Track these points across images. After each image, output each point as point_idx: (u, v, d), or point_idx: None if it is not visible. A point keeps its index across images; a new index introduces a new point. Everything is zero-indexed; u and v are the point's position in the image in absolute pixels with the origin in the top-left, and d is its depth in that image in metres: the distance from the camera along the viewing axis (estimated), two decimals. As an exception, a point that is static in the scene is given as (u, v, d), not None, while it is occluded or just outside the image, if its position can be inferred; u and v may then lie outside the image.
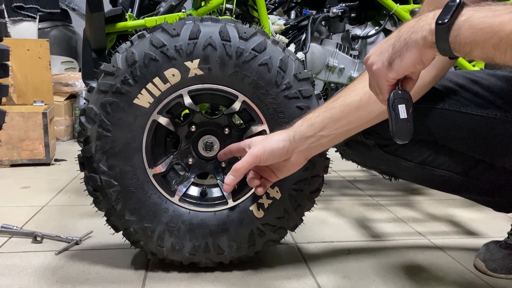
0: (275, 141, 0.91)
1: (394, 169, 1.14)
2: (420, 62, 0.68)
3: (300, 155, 0.93)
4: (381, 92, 0.74)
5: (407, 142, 0.73)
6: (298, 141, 0.91)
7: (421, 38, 0.66)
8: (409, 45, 0.67)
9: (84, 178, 1.04)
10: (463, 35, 0.63)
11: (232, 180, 0.94)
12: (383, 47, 0.72)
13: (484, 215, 1.62)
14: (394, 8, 1.60)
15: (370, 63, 0.73)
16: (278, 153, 0.91)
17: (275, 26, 1.59)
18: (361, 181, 2.12)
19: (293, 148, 0.92)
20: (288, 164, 0.94)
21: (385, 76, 0.71)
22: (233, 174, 0.93)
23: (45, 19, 3.77)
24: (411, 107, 0.72)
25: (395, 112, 0.71)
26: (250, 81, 1.00)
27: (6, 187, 1.91)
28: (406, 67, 0.69)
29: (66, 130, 3.10)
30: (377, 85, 0.74)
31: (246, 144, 0.96)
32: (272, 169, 0.97)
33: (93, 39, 1.35)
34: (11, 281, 1.04)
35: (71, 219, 1.48)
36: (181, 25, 0.98)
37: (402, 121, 0.71)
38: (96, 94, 0.99)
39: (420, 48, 0.67)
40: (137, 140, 1.01)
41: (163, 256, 1.08)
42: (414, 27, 0.68)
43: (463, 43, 0.63)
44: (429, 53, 0.67)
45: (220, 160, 1.07)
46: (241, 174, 0.94)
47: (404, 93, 0.72)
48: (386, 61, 0.70)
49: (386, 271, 1.14)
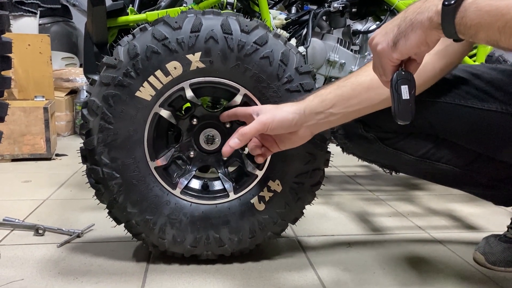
0: (286, 112, 0.90)
1: (395, 163, 1.14)
2: (425, 43, 0.68)
3: (307, 130, 0.93)
4: (385, 73, 0.74)
5: (408, 123, 0.73)
6: (308, 115, 0.91)
7: (427, 19, 0.66)
8: (415, 25, 0.67)
9: (86, 170, 1.04)
10: (469, 17, 0.63)
11: (236, 144, 0.91)
12: (389, 28, 0.72)
13: (483, 209, 1.63)
14: (395, 3, 1.60)
15: (375, 43, 0.73)
16: (286, 124, 0.90)
17: (276, 20, 1.59)
18: (361, 176, 2.13)
19: (302, 122, 0.91)
20: (294, 137, 0.93)
21: (389, 56, 0.71)
22: (238, 138, 0.91)
23: (45, 15, 3.77)
24: (414, 88, 0.72)
25: (397, 92, 0.71)
26: (252, 74, 1.00)
27: (8, 181, 1.92)
28: (411, 48, 0.69)
29: (67, 125, 3.10)
30: (381, 65, 0.74)
31: (254, 110, 0.95)
32: (275, 140, 0.96)
33: (95, 33, 1.35)
34: (14, 273, 1.05)
35: (72, 213, 1.49)
36: (183, 18, 0.99)
37: (404, 102, 0.71)
38: (98, 87, 0.99)
39: (425, 29, 0.67)
40: (139, 133, 1.01)
41: (164, 249, 1.08)
42: (421, 8, 0.68)
43: (468, 25, 0.63)
44: (434, 35, 0.67)
45: (223, 120, 1.05)
46: (247, 139, 0.92)
47: (407, 74, 0.72)
48: (391, 41, 0.70)
49: (386, 264, 1.15)
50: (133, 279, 1.04)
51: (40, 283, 1.01)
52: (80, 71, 3.20)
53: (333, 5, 1.61)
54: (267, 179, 1.08)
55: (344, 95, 0.91)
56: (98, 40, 1.37)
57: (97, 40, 1.37)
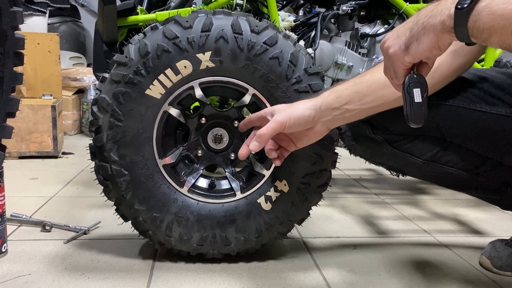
0: (302, 109, 0.91)
1: (402, 165, 1.14)
2: (437, 47, 0.68)
3: (323, 125, 0.93)
4: (396, 76, 0.74)
5: (421, 126, 0.73)
6: (324, 111, 0.91)
7: (439, 22, 0.66)
8: (427, 29, 0.68)
9: (95, 167, 1.05)
10: (482, 21, 0.62)
11: (256, 147, 0.91)
12: (400, 31, 0.72)
13: (490, 214, 1.62)
14: (404, 7, 1.60)
15: (386, 46, 0.73)
16: (303, 121, 0.90)
17: (284, 22, 1.60)
18: (367, 180, 2.12)
19: (318, 118, 0.91)
20: (310, 133, 0.94)
21: (401, 60, 0.71)
22: (257, 141, 0.90)
23: (54, 15, 3.80)
24: (426, 91, 0.72)
25: (410, 95, 0.72)
26: (261, 74, 1.01)
27: (15, 178, 1.93)
28: (423, 51, 0.69)
29: (74, 124, 3.12)
30: (393, 68, 0.74)
31: (267, 112, 0.95)
32: (291, 139, 0.96)
33: (105, 31, 1.36)
34: (21, 267, 1.06)
35: (79, 210, 1.50)
36: (194, 18, 0.99)
37: (416, 105, 0.72)
38: (108, 84, 1.00)
39: (437, 32, 0.67)
40: (148, 131, 1.02)
41: (171, 246, 1.09)
42: (433, 11, 0.68)
43: (481, 29, 0.63)
44: (446, 38, 0.67)
45: (241, 131, 1.06)
46: (265, 141, 0.92)
47: (419, 77, 0.72)
48: (403, 45, 0.70)
49: (392, 267, 1.15)
50: (139, 276, 1.04)
51: (47, 278, 1.01)
52: (87, 71, 3.22)
53: (341, 8, 1.62)
54: (274, 179, 1.08)
55: (360, 91, 0.91)
56: (108, 38, 1.38)
57: (107, 38, 1.38)
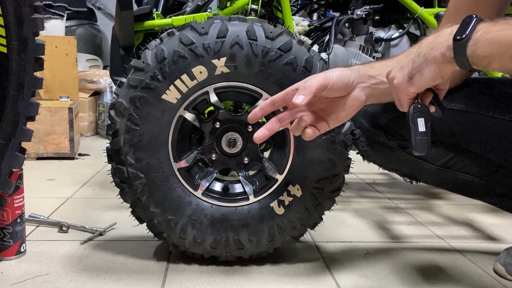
0: (340, 70, 0.85)
1: (416, 172, 1.15)
2: (440, 77, 0.72)
3: (362, 92, 0.85)
4: (401, 105, 0.77)
5: (424, 154, 0.78)
6: (362, 76, 0.86)
7: (440, 54, 0.70)
8: (429, 61, 0.71)
9: (112, 170, 1.07)
10: (480, 49, 0.66)
11: (303, 100, 0.80)
12: (404, 63, 0.75)
13: (504, 220, 1.61)
14: (419, 12, 1.60)
15: (391, 77, 0.76)
16: (345, 80, 0.83)
17: (299, 27, 1.61)
18: (380, 184, 2.12)
19: (358, 81, 0.85)
20: (349, 100, 0.85)
21: (405, 90, 0.74)
22: (303, 93, 0.80)
23: (71, 18, 3.86)
24: (429, 120, 0.76)
25: (414, 125, 0.76)
26: (275, 80, 1.02)
27: (33, 178, 1.97)
28: (426, 82, 0.72)
29: (90, 126, 3.16)
30: (398, 98, 0.77)
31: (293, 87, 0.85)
32: (324, 114, 0.88)
33: (122, 36, 1.39)
34: (39, 267, 1.08)
35: (95, 211, 1.52)
36: (209, 24, 1.01)
37: (420, 134, 0.76)
38: (125, 89, 1.02)
39: (439, 64, 0.70)
40: (164, 135, 1.04)
41: (184, 249, 1.10)
42: (433, 43, 0.71)
43: (481, 57, 0.66)
44: (448, 68, 0.70)
45: (255, 120, 0.92)
46: (311, 92, 0.81)
47: (423, 107, 0.76)
48: (406, 76, 0.73)
49: (405, 272, 1.15)
50: (154, 277, 1.06)
51: (64, 278, 1.04)
52: (104, 73, 3.27)
53: (356, 12, 1.62)
54: (287, 183, 1.09)
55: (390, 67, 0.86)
56: (124, 43, 1.41)
57: (123, 43, 1.41)
